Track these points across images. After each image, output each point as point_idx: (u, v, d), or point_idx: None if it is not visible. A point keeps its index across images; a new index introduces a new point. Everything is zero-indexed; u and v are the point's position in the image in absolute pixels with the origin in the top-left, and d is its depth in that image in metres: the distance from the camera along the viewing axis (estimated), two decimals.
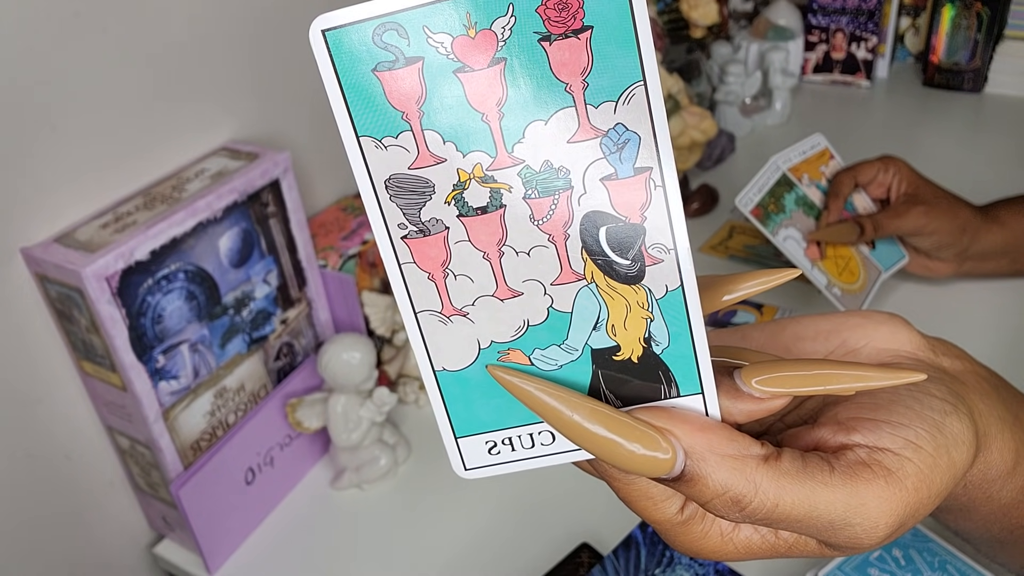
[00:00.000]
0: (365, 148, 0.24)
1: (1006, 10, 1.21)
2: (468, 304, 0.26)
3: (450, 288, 0.25)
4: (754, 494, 0.25)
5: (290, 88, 0.73)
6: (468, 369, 0.27)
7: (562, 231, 0.25)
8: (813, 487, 0.25)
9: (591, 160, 0.24)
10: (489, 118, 0.23)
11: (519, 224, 0.25)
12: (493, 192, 0.24)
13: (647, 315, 0.26)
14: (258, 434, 0.65)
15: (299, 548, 0.66)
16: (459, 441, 0.28)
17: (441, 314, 0.26)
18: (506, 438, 0.28)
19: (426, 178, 0.24)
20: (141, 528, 0.68)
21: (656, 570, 0.52)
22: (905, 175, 0.79)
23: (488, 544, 0.64)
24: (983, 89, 1.26)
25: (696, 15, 0.91)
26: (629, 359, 0.26)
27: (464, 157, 0.24)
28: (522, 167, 0.24)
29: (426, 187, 0.24)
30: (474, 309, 0.26)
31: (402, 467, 0.71)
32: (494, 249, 0.25)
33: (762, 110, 1.24)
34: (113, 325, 0.54)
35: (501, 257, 0.25)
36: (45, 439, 0.59)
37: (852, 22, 1.28)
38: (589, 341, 0.26)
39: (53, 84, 0.54)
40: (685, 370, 0.26)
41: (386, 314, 0.75)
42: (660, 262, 0.25)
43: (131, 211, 0.57)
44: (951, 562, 0.52)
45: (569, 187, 0.24)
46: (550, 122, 0.23)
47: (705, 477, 0.25)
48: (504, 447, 0.28)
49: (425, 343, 0.26)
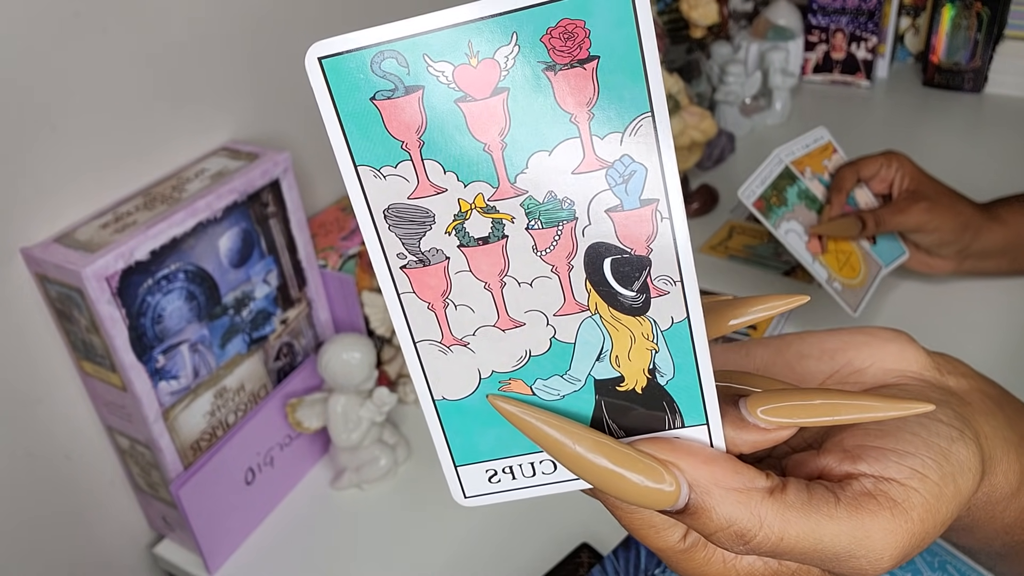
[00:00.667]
0: (363, 177, 0.23)
1: (1006, 10, 1.21)
2: (469, 334, 0.25)
3: (450, 318, 0.25)
4: (759, 528, 0.25)
5: (290, 88, 0.73)
6: (468, 399, 0.26)
7: (566, 262, 0.24)
8: (818, 520, 0.25)
9: (596, 191, 0.23)
10: (491, 148, 0.23)
11: (521, 255, 0.24)
12: (495, 222, 0.24)
13: (652, 346, 0.25)
14: (258, 434, 0.66)
15: (299, 548, 0.66)
16: (459, 470, 0.28)
17: (441, 344, 0.25)
18: (507, 467, 0.28)
19: (426, 208, 0.24)
20: (141, 528, 0.68)
21: (656, 570, 0.52)
22: (908, 171, 0.79)
23: (488, 544, 0.64)
24: (983, 89, 1.26)
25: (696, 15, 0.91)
26: (633, 390, 0.26)
27: (465, 187, 0.23)
28: (525, 198, 0.23)
29: (426, 217, 0.24)
30: (475, 339, 0.25)
31: (402, 467, 0.71)
32: (496, 279, 0.25)
33: (762, 110, 1.24)
34: (113, 325, 0.54)
35: (503, 287, 0.25)
36: (45, 439, 0.59)
37: (852, 22, 1.28)
38: (592, 372, 0.26)
39: (53, 84, 0.54)
40: (690, 401, 0.26)
41: (386, 314, 0.75)
42: (666, 294, 0.25)
43: (131, 211, 0.57)
44: (951, 562, 0.52)
45: (573, 218, 0.24)
46: (554, 153, 0.23)
47: (709, 510, 0.25)
48: (504, 475, 0.28)
49: (424, 372, 0.26)
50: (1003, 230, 0.78)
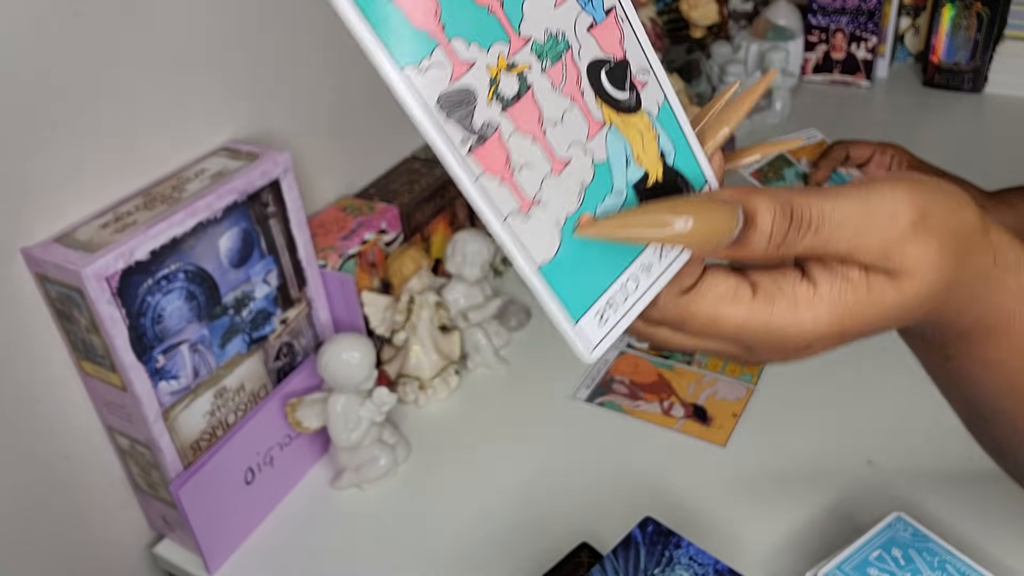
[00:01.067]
0: (411, 78, 0.24)
1: (1006, 10, 1.22)
2: (537, 190, 0.28)
3: (519, 182, 0.27)
4: (805, 203, 0.29)
5: (290, 88, 0.73)
6: (558, 254, 0.28)
7: (577, 88, 0.28)
8: (846, 190, 0.30)
9: (575, 16, 0.28)
10: (493, 8, 0.26)
11: (547, 96, 0.27)
12: (519, 77, 0.27)
13: (654, 133, 0.31)
14: (258, 434, 0.66)
15: (299, 548, 0.66)
16: (577, 327, 0.29)
17: (521, 211, 0.27)
18: (606, 302, 0.30)
19: (466, 86, 0.25)
20: (141, 528, 0.68)
21: (655, 570, 0.52)
22: (905, 157, 0.79)
23: (488, 543, 0.64)
24: (983, 89, 1.26)
25: (696, 15, 0.91)
26: (656, 180, 0.31)
27: (488, 53, 0.26)
28: (532, 43, 0.27)
29: (470, 95, 0.26)
30: (543, 192, 0.28)
31: (402, 467, 0.71)
32: (538, 128, 0.27)
33: (762, 110, 1.24)
34: (113, 325, 0.54)
35: (544, 134, 0.28)
36: (45, 439, 0.59)
37: (852, 22, 1.28)
38: (628, 178, 0.30)
39: (54, 84, 0.54)
40: (692, 170, 0.32)
41: (385, 314, 0.75)
42: (646, 84, 0.30)
43: (131, 211, 0.57)
44: (951, 562, 0.52)
45: (568, 47, 0.28)
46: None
47: (756, 204, 0.29)
48: (610, 310, 0.30)
49: (522, 245, 0.27)
50: (1011, 212, 0.78)
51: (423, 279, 0.74)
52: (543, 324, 0.87)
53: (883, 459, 0.67)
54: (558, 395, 0.77)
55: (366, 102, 0.82)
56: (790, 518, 0.63)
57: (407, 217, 0.78)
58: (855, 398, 0.73)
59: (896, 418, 0.70)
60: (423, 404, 0.78)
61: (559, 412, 0.76)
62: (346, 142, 0.81)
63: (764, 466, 0.68)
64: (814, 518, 0.62)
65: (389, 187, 0.82)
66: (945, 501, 0.63)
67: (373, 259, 0.75)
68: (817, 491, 0.65)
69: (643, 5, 0.92)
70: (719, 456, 0.69)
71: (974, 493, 0.63)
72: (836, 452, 0.68)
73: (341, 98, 0.78)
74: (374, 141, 0.84)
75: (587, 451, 0.71)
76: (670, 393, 0.76)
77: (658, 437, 0.72)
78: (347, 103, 0.79)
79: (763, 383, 0.76)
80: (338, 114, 0.79)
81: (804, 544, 0.60)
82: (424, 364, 0.77)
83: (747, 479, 0.67)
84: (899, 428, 0.70)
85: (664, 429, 0.72)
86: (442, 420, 0.77)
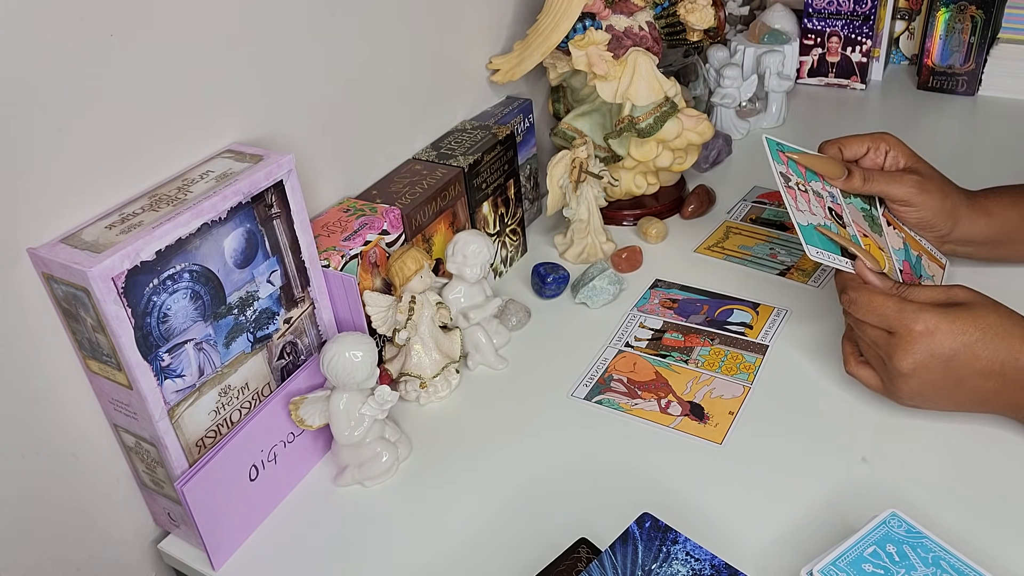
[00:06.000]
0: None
1: (1000, 13, 1.22)
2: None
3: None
4: None
5: (294, 91, 0.74)
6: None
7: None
8: None
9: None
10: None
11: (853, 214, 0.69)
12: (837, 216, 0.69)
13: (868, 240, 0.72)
14: (262, 432, 0.66)
15: (302, 544, 0.66)
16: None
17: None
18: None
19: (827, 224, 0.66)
20: (146, 524, 0.69)
21: (653, 565, 0.53)
22: (901, 151, 0.79)
23: (487, 539, 0.65)
24: (977, 92, 1.27)
25: (693, 19, 0.92)
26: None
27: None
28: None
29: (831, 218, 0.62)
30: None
31: (403, 464, 0.72)
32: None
33: (758, 113, 1.25)
34: (119, 324, 0.54)
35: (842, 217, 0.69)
36: (51, 437, 0.60)
37: (847, 26, 1.29)
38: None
39: (60, 87, 0.55)
40: None
41: (387, 313, 0.75)
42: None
43: (137, 212, 0.58)
44: (945, 558, 0.53)
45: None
46: None
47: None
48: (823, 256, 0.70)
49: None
50: (988, 222, 0.79)
51: (424, 279, 0.75)
52: (543, 324, 0.88)
53: (877, 456, 0.68)
54: (557, 393, 0.78)
55: (369, 105, 0.82)
56: (786, 514, 0.64)
57: (409, 218, 0.79)
58: (849, 396, 0.74)
59: (890, 415, 0.71)
60: (424, 402, 0.78)
61: (558, 410, 0.76)
62: (349, 144, 0.81)
63: (760, 463, 0.69)
64: (809, 514, 0.63)
65: (391, 188, 0.82)
66: (939, 498, 0.63)
67: (375, 259, 0.76)
68: (812, 488, 0.66)
69: (640, 9, 0.93)
70: (716, 453, 0.70)
71: (968, 490, 0.64)
72: (831, 449, 0.69)
73: (344, 101, 0.79)
74: (376, 143, 0.85)
75: (585, 448, 0.72)
76: (667, 391, 0.77)
77: (655, 434, 0.72)
78: (350, 106, 0.80)
79: (759, 382, 0.77)
80: (341, 117, 0.79)
81: (799, 540, 0.61)
82: (425, 363, 0.78)
83: (743, 476, 0.68)
84: (893, 425, 0.70)
85: (661, 427, 0.73)
86: (443, 418, 0.77)
